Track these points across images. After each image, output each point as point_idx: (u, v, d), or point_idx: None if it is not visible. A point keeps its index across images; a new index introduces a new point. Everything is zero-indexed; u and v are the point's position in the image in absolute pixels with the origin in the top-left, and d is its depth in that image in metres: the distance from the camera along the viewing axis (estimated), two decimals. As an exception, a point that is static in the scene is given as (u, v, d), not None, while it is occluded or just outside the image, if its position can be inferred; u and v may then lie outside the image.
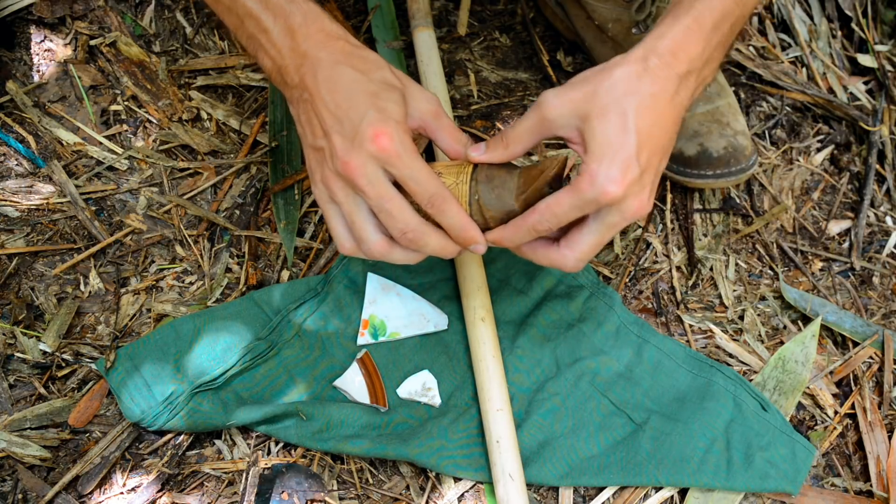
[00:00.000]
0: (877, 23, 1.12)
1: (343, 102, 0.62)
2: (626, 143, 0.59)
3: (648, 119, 0.59)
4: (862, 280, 0.93)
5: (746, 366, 0.84)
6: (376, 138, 0.60)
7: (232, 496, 0.73)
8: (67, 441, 0.75)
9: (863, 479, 0.80)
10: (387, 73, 0.64)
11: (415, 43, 0.94)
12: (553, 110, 0.61)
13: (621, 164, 0.58)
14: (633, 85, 0.59)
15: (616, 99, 0.59)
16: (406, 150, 0.61)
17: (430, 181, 0.62)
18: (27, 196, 0.86)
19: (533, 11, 1.05)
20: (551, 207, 0.61)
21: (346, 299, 0.81)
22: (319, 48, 0.63)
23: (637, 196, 0.60)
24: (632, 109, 0.59)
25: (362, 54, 0.64)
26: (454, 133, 0.66)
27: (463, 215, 0.64)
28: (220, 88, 0.95)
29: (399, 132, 0.61)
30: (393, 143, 0.61)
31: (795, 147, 1.01)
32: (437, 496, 0.75)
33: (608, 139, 0.59)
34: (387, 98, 0.62)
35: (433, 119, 0.65)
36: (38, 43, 0.94)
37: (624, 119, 0.59)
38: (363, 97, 0.62)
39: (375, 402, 0.76)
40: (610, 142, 0.59)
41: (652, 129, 0.60)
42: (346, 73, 0.63)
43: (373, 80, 0.63)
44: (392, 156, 0.61)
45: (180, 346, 0.76)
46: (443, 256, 0.67)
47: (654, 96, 0.60)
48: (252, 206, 0.87)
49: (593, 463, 0.75)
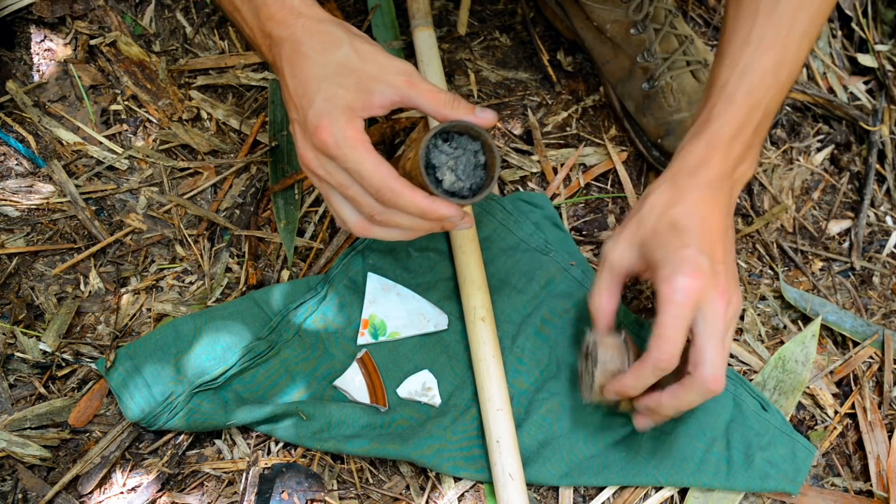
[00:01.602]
0: (877, 23, 1.12)
1: (298, 88, 0.60)
2: (686, 242, 0.63)
3: (697, 216, 0.64)
4: (862, 280, 0.93)
5: (746, 366, 0.84)
6: (316, 132, 0.59)
7: (232, 496, 0.73)
8: (67, 441, 0.75)
9: (863, 479, 0.80)
10: (345, 49, 0.60)
11: (415, 43, 0.94)
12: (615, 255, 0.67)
13: (689, 261, 0.63)
14: (672, 192, 0.65)
15: (661, 212, 0.64)
16: (346, 144, 0.58)
17: (374, 174, 0.59)
18: (27, 196, 0.86)
19: (533, 11, 1.05)
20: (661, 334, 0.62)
21: (346, 299, 0.81)
22: (281, 27, 0.61)
23: (716, 285, 0.63)
24: (679, 214, 0.63)
25: (323, 29, 0.61)
26: (434, 96, 0.61)
27: (419, 199, 0.60)
28: (220, 88, 0.95)
29: (339, 124, 0.58)
30: (332, 136, 0.58)
31: (795, 147, 1.01)
32: (437, 496, 0.75)
33: (667, 246, 0.64)
34: (337, 83, 0.59)
35: (408, 88, 0.60)
36: (38, 43, 0.94)
37: (674, 225, 0.63)
38: (313, 83, 0.60)
39: (375, 401, 0.76)
40: (669, 247, 0.63)
41: (705, 223, 0.64)
42: (303, 55, 0.60)
43: (327, 63, 0.60)
44: (331, 149, 0.59)
45: (180, 345, 0.76)
46: (424, 234, 0.65)
47: (700, 190, 0.64)
48: (252, 205, 0.87)
49: (593, 463, 0.75)
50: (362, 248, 0.83)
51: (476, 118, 0.62)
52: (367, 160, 0.59)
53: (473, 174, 0.64)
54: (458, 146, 0.63)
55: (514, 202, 0.88)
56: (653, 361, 0.63)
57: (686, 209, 0.63)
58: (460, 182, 0.63)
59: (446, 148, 0.63)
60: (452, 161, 0.63)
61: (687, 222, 0.63)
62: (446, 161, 0.63)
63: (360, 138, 0.59)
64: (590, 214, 0.92)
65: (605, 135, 0.98)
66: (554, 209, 0.89)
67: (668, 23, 0.91)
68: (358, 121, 0.60)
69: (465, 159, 0.63)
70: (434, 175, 0.63)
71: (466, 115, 0.62)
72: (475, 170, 0.64)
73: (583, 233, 0.91)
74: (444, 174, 0.62)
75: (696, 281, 0.61)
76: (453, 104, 0.62)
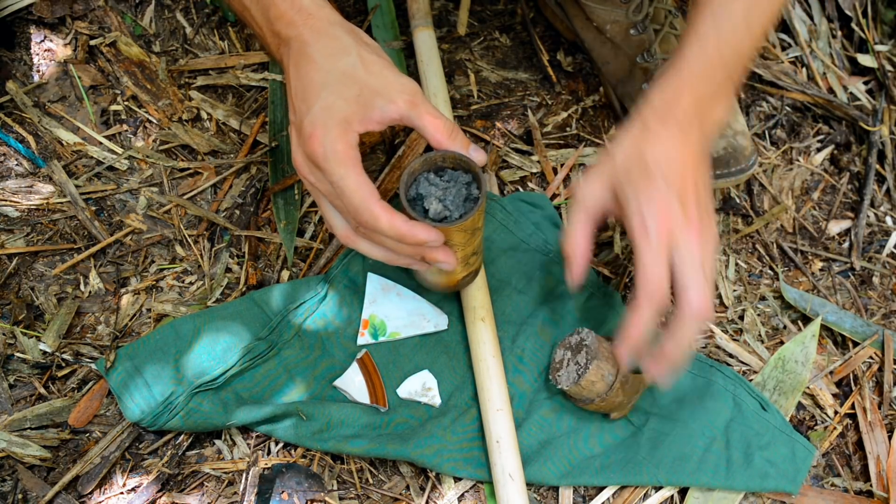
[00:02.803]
0: (877, 23, 1.12)
1: (299, 92, 0.60)
2: (653, 181, 0.62)
3: (665, 154, 0.63)
4: (862, 280, 0.93)
5: (746, 366, 0.84)
6: (309, 140, 0.58)
7: (232, 496, 0.73)
8: (67, 441, 0.75)
9: (863, 479, 0.80)
10: (352, 58, 0.59)
11: (415, 43, 0.94)
12: (587, 194, 0.66)
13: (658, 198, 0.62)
14: (642, 134, 0.64)
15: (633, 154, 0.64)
16: (335, 158, 0.57)
17: (354, 193, 0.58)
18: (27, 196, 0.86)
19: (533, 11, 1.05)
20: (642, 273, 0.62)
21: (346, 299, 0.81)
22: (290, 27, 0.60)
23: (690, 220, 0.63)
24: (649, 155, 0.63)
25: (332, 33, 0.60)
26: (434, 122, 0.61)
27: (397, 223, 0.59)
28: (220, 88, 0.95)
29: (331, 136, 0.57)
30: (321, 147, 0.58)
31: (795, 147, 1.01)
32: (437, 496, 0.75)
33: (636, 185, 0.63)
34: (338, 93, 0.58)
35: (409, 109, 0.60)
36: (38, 43, 0.94)
37: (645, 166, 0.63)
38: (314, 89, 0.59)
39: (375, 402, 0.76)
40: (639, 187, 0.63)
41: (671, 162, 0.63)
42: (308, 58, 0.59)
43: (331, 70, 0.59)
44: (319, 160, 0.58)
45: (180, 346, 0.76)
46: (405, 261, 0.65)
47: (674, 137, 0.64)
48: (252, 206, 0.87)
49: (593, 463, 0.75)
50: (362, 248, 0.83)
51: (471, 155, 0.63)
52: (351, 178, 0.58)
53: (463, 206, 0.64)
54: (450, 179, 0.64)
55: (514, 202, 0.88)
56: (645, 294, 0.62)
57: (655, 148, 0.63)
58: (447, 212, 0.63)
59: (438, 181, 0.64)
60: (441, 192, 0.63)
61: (656, 161, 0.62)
62: (434, 192, 0.63)
63: (349, 154, 0.58)
64: (590, 214, 0.92)
65: (605, 135, 0.98)
66: (554, 209, 0.89)
67: (667, 23, 0.91)
68: (352, 135, 0.59)
69: (454, 191, 0.64)
70: (421, 205, 0.63)
71: (462, 150, 0.62)
72: (465, 202, 0.64)
73: (583, 233, 0.91)
74: (430, 204, 0.63)
75: (665, 218, 0.61)
76: (451, 134, 0.61)
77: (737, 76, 0.68)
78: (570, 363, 0.74)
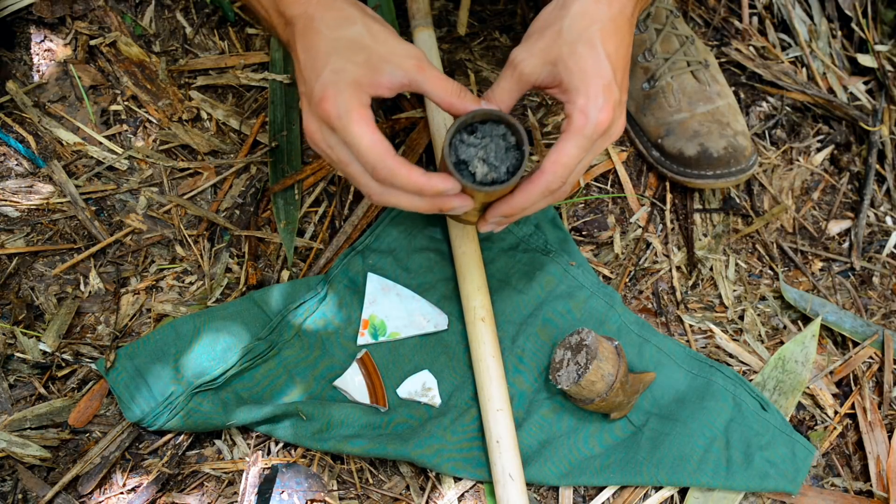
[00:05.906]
0: (877, 23, 1.12)
1: (308, 62, 0.60)
2: (602, 71, 0.59)
3: (614, 42, 0.60)
4: (862, 280, 0.93)
5: (746, 366, 0.84)
6: (321, 102, 0.58)
7: (232, 496, 0.73)
8: (67, 441, 0.75)
9: (863, 479, 0.80)
10: (358, 28, 0.60)
11: (415, 43, 0.94)
12: (527, 65, 0.61)
13: (604, 91, 0.59)
14: (592, 14, 0.60)
15: (580, 32, 0.60)
16: (348, 117, 0.58)
17: (370, 150, 0.58)
18: (27, 196, 0.86)
19: (533, 12, 1.05)
20: (560, 160, 0.60)
21: (346, 299, 0.81)
22: (295, 6, 0.61)
23: (621, 116, 0.62)
24: (598, 37, 0.60)
25: (337, 6, 0.61)
26: (441, 84, 0.61)
27: (415, 176, 0.59)
28: (220, 88, 0.95)
29: (344, 96, 0.58)
30: (335, 107, 0.58)
31: (795, 147, 1.01)
32: (437, 496, 0.75)
33: (586, 72, 0.59)
34: (346, 58, 0.59)
35: (417, 73, 0.60)
36: (38, 43, 0.94)
37: (594, 48, 0.59)
38: (322, 57, 0.59)
39: (375, 402, 0.76)
40: (588, 74, 0.59)
41: (618, 50, 0.61)
42: (315, 31, 0.60)
43: (339, 38, 0.60)
44: (333, 121, 0.58)
45: (180, 346, 0.76)
46: (427, 212, 0.63)
47: (613, 19, 0.61)
48: (252, 206, 0.87)
49: (593, 463, 0.75)
50: (362, 248, 0.83)
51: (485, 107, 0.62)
52: (366, 136, 0.58)
53: (506, 157, 0.62)
54: (484, 135, 0.63)
55: (514, 202, 0.87)
56: (545, 184, 0.61)
57: (607, 29, 0.61)
58: (494, 170, 0.62)
59: (473, 140, 0.62)
60: (482, 151, 0.62)
61: (608, 47, 0.60)
62: (475, 153, 0.62)
63: (363, 113, 0.59)
64: (590, 214, 0.92)
65: (605, 135, 0.97)
66: (554, 209, 0.89)
67: (669, 23, 0.91)
68: (363, 96, 0.59)
69: (493, 145, 0.62)
70: (467, 170, 0.62)
71: (473, 106, 0.61)
72: (507, 152, 0.63)
73: (583, 233, 0.91)
74: (475, 167, 0.62)
75: (608, 114, 0.60)
76: (460, 94, 0.61)
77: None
78: (570, 363, 0.74)
